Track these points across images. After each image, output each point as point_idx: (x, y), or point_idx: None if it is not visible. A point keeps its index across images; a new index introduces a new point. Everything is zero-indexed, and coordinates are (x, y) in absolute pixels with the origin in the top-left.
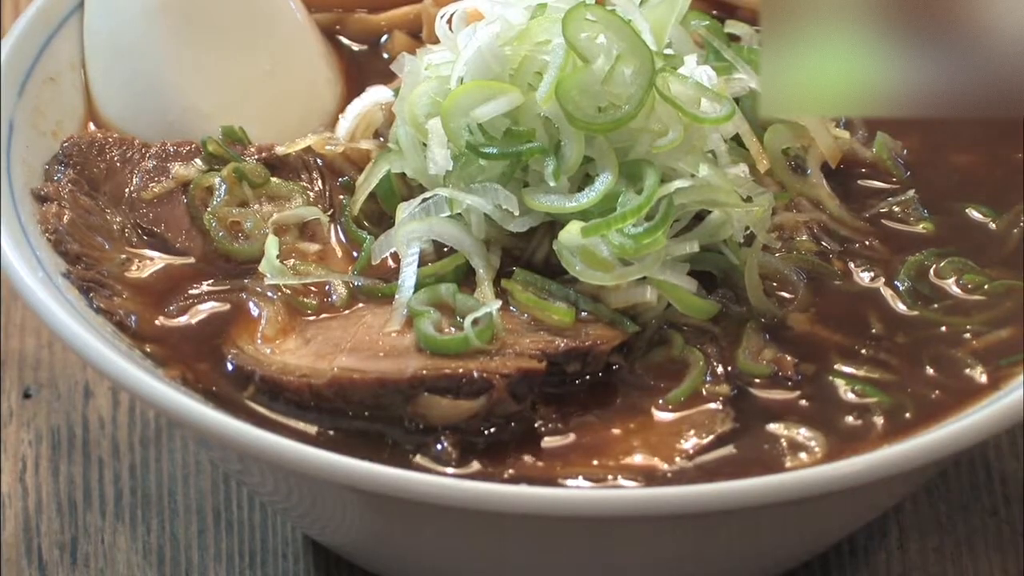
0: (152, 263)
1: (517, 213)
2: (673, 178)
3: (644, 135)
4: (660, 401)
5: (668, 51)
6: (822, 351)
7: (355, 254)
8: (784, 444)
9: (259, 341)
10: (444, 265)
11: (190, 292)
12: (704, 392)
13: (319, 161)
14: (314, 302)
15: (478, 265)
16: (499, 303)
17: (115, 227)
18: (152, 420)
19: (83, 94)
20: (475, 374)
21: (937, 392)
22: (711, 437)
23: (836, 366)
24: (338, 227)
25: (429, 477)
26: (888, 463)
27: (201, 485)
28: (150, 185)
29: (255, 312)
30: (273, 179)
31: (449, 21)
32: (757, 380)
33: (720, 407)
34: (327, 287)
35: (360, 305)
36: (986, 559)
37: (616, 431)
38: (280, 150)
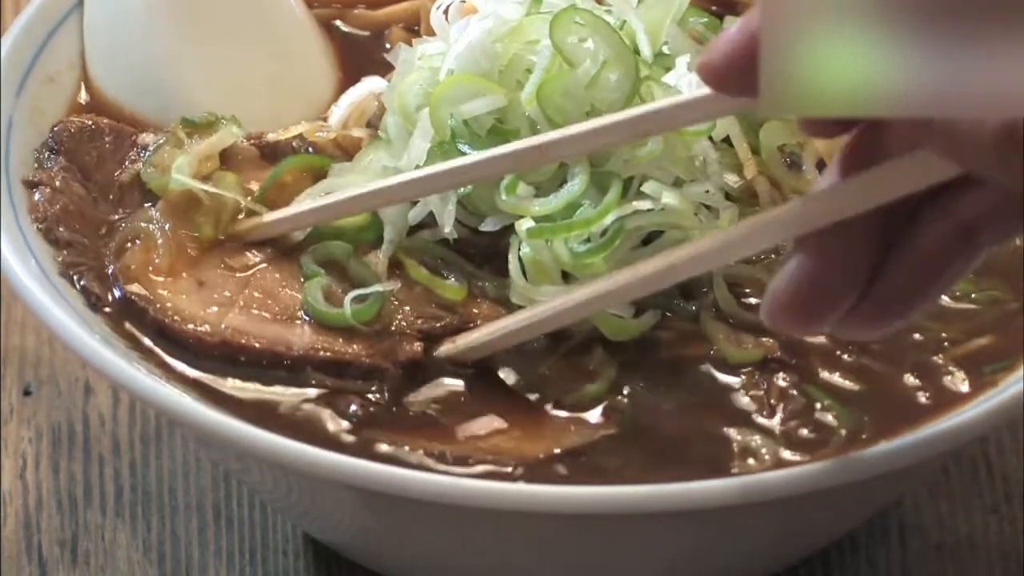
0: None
1: (447, 229)
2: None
3: (623, 145)
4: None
5: (665, 49)
6: (802, 356)
7: None
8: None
9: (151, 272)
10: (353, 221)
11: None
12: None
13: (311, 149)
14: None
15: (387, 232)
16: (393, 284)
17: (107, 215)
18: (152, 417)
19: (83, 92)
20: (364, 360)
21: (920, 398)
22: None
23: (812, 378)
24: None
25: (426, 475)
26: (870, 462)
27: (201, 482)
28: (132, 167)
29: (156, 240)
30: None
31: (446, 12)
32: (741, 371)
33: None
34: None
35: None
36: (987, 557)
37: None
38: (271, 136)
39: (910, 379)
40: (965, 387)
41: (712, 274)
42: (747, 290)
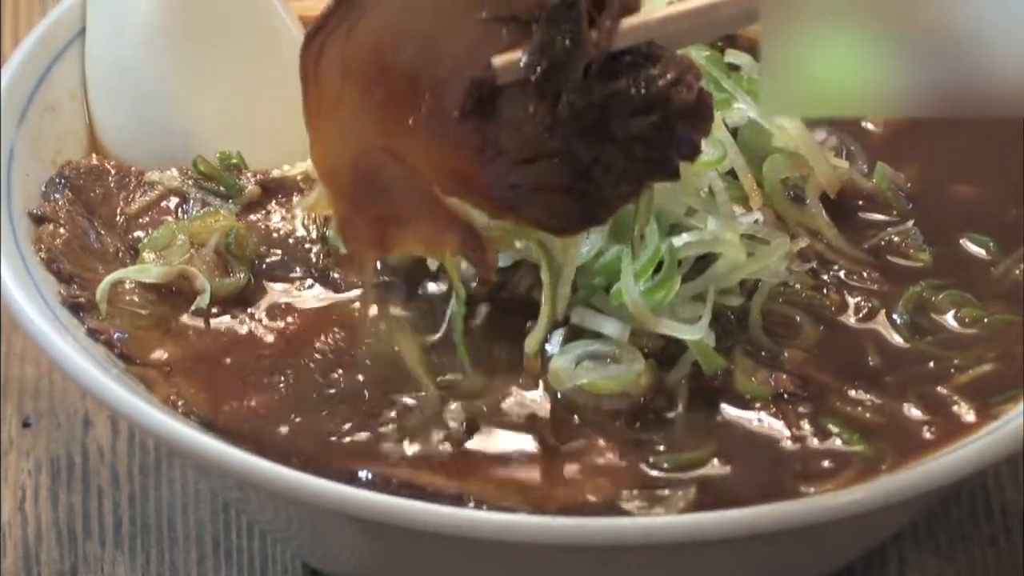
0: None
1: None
2: (669, 219)
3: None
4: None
5: None
6: (814, 392)
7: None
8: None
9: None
10: None
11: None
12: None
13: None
14: None
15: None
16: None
17: (109, 250)
18: (151, 449)
19: (84, 122)
20: None
21: (926, 432)
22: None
23: (827, 408)
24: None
25: (429, 506)
26: (873, 497)
27: (201, 514)
28: (138, 198)
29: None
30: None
31: None
32: (757, 404)
33: None
34: None
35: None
36: None
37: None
38: (276, 174)
39: (916, 411)
40: (971, 418)
41: (749, 311)
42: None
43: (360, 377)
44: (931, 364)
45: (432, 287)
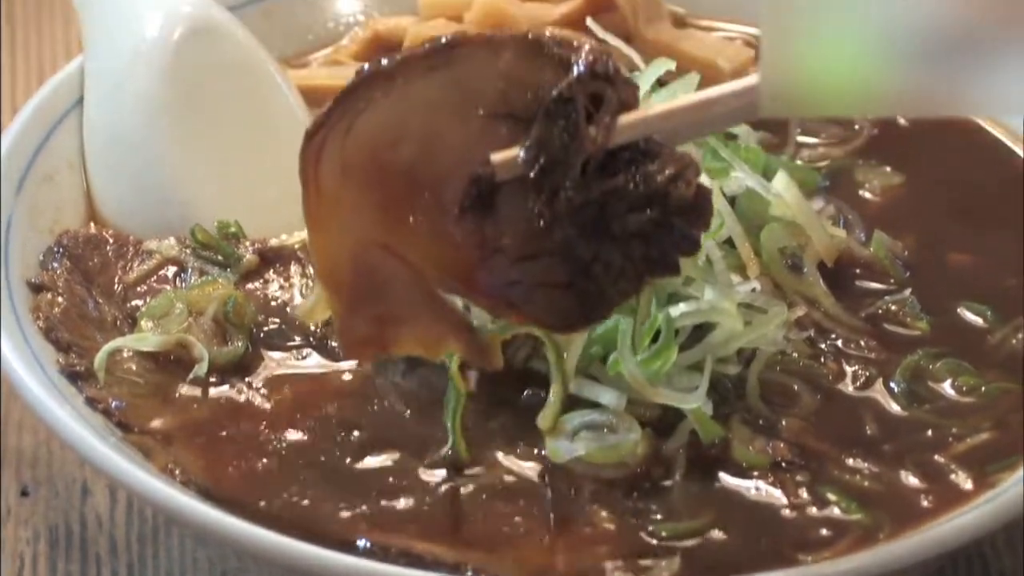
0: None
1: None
2: (666, 288)
3: None
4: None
5: None
6: (811, 460)
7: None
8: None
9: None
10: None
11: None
12: None
13: None
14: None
15: None
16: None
17: (107, 318)
18: (150, 518)
19: (82, 192)
20: None
21: (924, 500)
22: None
23: (825, 476)
24: None
25: (427, 575)
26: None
27: None
28: (136, 267)
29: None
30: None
31: None
32: (755, 473)
33: None
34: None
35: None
36: None
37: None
38: (274, 243)
39: (914, 479)
40: (969, 486)
41: (746, 380)
42: (775, 395)
43: (359, 445)
44: (929, 432)
45: None
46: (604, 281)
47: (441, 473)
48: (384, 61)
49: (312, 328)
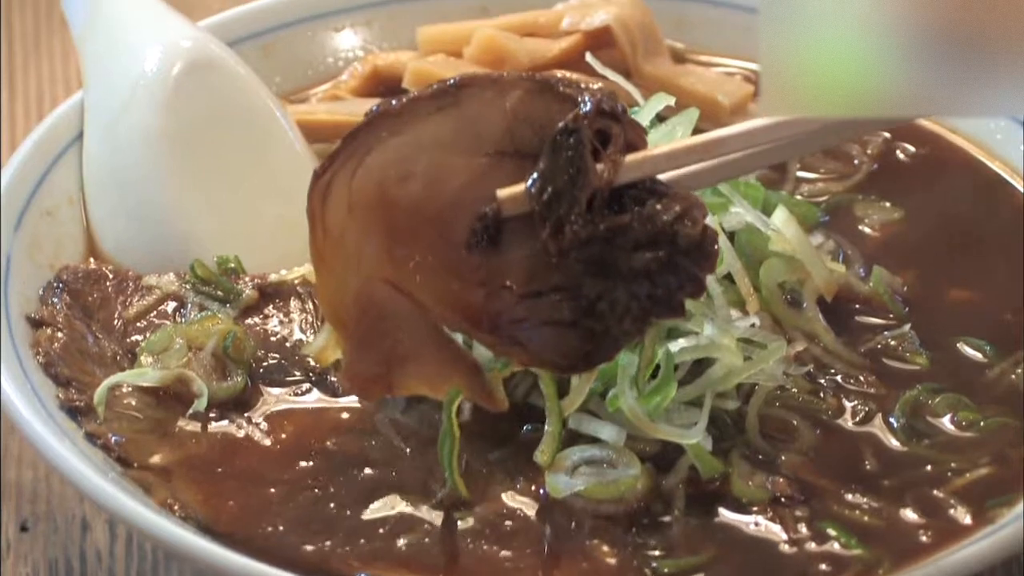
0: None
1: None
2: (666, 324)
3: None
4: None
5: None
6: (811, 495)
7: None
8: None
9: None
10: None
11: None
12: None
13: (312, 290)
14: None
15: None
16: None
17: (107, 353)
18: (149, 553)
19: (81, 227)
20: None
21: (923, 536)
22: None
23: (824, 512)
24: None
25: None
26: None
27: None
28: (135, 302)
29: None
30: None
31: None
32: (755, 508)
33: None
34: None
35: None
36: None
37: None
38: (274, 278)
39: (913, 514)
40: (968, 521)
41: (746, 415)
42: (775, 431)
43: (359, 481)
44: (928, 467)
45: None
46: (609, 320)
47: (440, 510)
48: (393, 101)
49: (311, 364)
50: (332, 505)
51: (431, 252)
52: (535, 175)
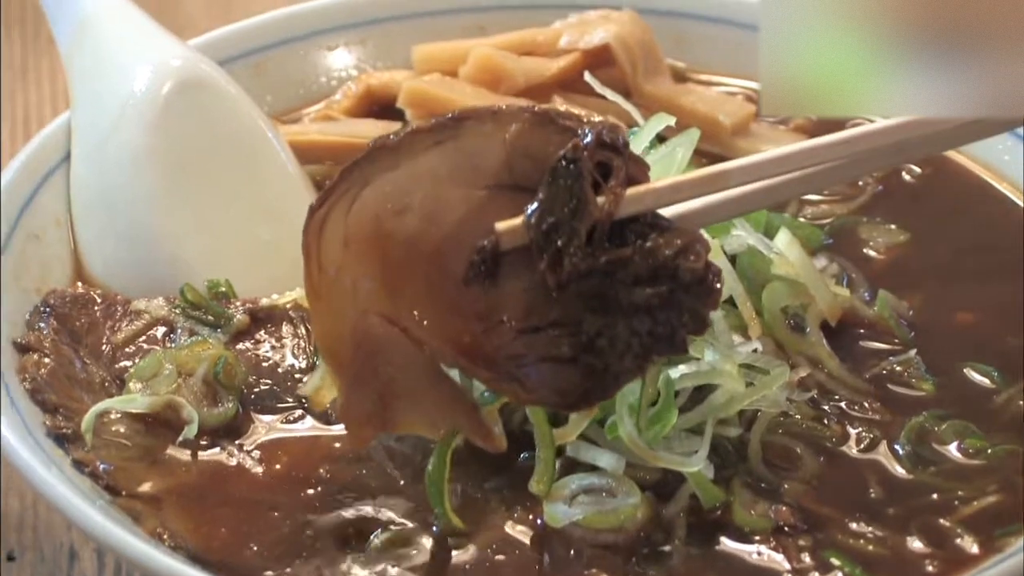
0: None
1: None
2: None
3: None
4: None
5: None
6: (814, 524)
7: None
8: None
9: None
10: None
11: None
12: None
13: (304, 315)
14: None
15: None
16: None
17: (96, 379)
18: None
19: (69, 250)
20: None
21: (929, 565)
22: None
23: (828, 541)
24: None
25: None
26: None
27: None
28: (124, 327)
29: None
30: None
31: None
32: (757, 537)
33: None
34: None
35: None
36: None
37: None
38: (265, 302)
39: (919, 544)
40: (975, 550)
41: (748, 442)
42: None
43: (352, 511)
44: (934, 496)
45: None
46: (609, 356)
47: (435, 539)
48: (391, 136)
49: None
50: (324, 534)
51: (428, 286)
52: (534, 205)
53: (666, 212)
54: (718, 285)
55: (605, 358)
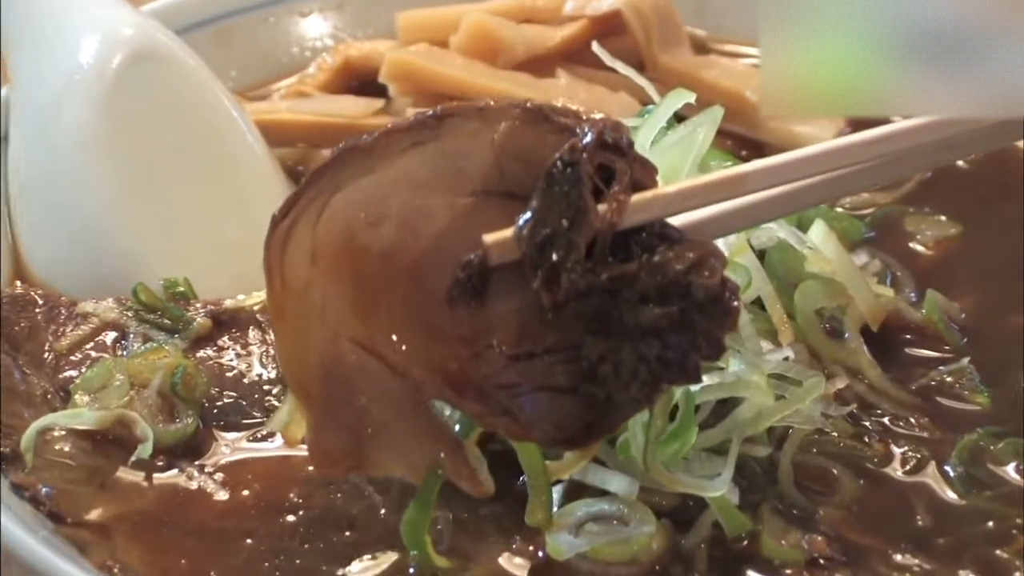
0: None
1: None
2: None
3: None
4: None
5: None
6: (854, 556)
7: None
8: None
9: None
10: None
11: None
12: None
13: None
14: None
15: None
16: None
17: (36, 392)
18: None
19: (6, 244)
20: None
21: None
22: None
23: (869, 573)
24: None
25: None
26: None
27: None
28: (69, 332)
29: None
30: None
31: None
32: (788, 571)
33: None
34: None
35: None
36: None
37: None
38: (229, 304)
39: None
40: None
41: (778, 463)
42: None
43: (326, 540)
44: (989, 524)
45: None
46: (613, 385)
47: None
48: (364, 136)
49: (272, 403)
50: (295, 567)
51: (406, 306)
52: (527, 215)
53: (676, 221)
54: (735, 304)
55: (608, 387)
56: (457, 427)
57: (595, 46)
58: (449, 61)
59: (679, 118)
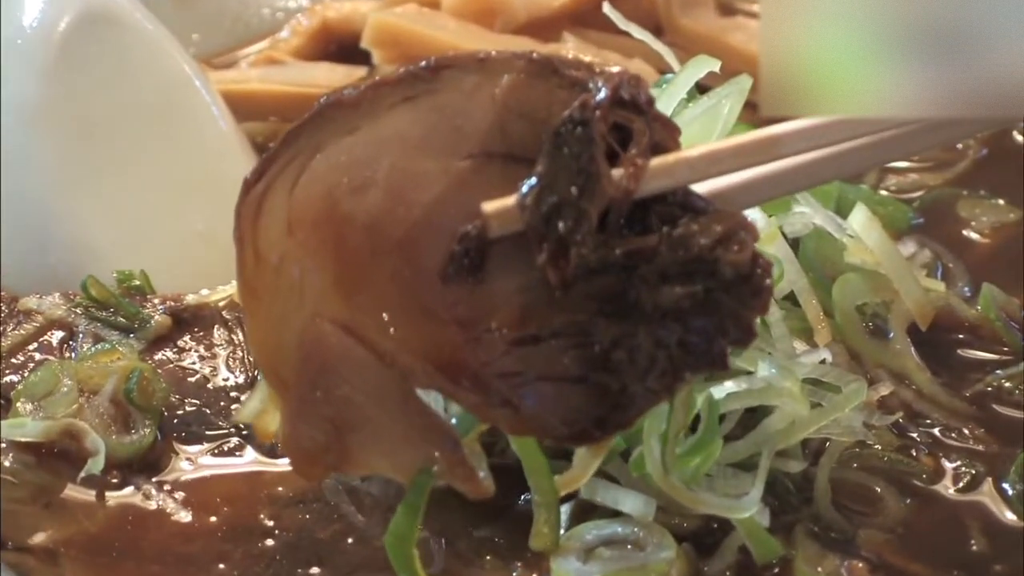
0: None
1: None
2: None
3: None
4: None
5: None
6: None
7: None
8: None
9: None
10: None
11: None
12: None
13: (241, 316)
14: None
15: None
16: None
17: None
18: None
19: None
20: None
21: None
22: None
23: None
24: None
25: None
26: None
27: None
28: (10, 332)
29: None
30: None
31: None
32: None
33: None
34: None
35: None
36: None
37: None
38: (191, 300)
39: None
40: None
41: (814, 480)
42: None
43: (302, 567)
44: None
45: None
46: (628, 374)
47: None
48: (348, 90)
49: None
50: None
51: (395, 284)
52: (531, 181)
53: (701, 189)
54: (767, 282)
55: (623, 376)
56: (455, 422)
57: (606, 7)
58: (440, 24)
59: (702, 89)
